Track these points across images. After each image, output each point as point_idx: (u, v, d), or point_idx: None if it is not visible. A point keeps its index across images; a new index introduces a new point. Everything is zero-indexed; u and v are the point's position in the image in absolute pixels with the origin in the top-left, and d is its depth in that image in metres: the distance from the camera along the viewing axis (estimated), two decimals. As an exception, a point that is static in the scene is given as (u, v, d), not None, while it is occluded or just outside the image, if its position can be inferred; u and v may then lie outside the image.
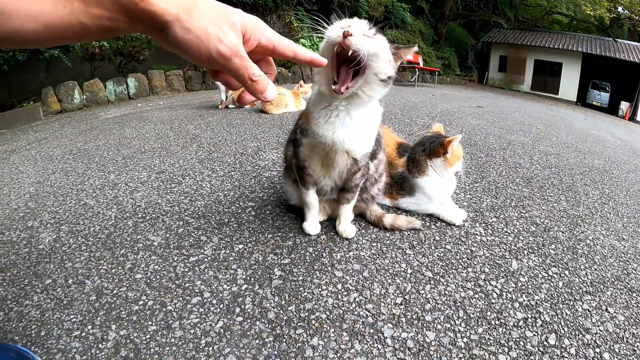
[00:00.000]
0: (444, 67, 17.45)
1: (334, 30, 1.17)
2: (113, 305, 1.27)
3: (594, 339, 1.27)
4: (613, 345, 1.25)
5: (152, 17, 0.56)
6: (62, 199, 2.13)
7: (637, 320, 1.40)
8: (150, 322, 1.20)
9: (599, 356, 1.20)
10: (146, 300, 1.29)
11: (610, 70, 19.95)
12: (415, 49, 1.29)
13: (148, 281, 1.39)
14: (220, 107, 4.96)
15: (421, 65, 12.58)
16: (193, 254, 1.55)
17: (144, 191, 2.19)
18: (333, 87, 1.22)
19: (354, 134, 1.38)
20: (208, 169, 2.56)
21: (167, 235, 1.70)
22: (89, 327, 1.18)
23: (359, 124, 1.39)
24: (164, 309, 1.25)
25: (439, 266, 1.56)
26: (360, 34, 1.16)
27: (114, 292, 1.33)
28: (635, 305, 1.49)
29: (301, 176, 1.61)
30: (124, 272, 1.44)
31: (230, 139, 3.36)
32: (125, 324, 1.19)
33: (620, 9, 18.31)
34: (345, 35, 1.11)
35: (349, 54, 1.14)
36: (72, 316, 1.22)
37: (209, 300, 1.30)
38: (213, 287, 1.36)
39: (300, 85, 4.79)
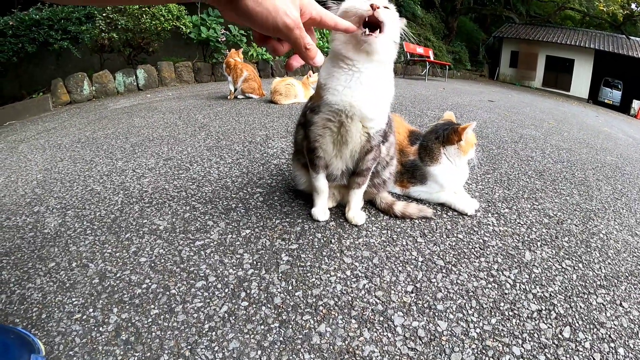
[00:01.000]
0: (455, 62, 17.32)
1: (360, 2, 1.30)
2: (116, 289, 1.25)
3: (608, 333, 1.23)
4: (628, 341, 1.22)
5: None
6: (69, 185, 2.12)
7: None
8: (152, 306, 1.18)
9: (614, 351, 1.16)
10: (149, 284, 1.27)
11: (623, 68, 19.70)
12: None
13: (152, 265, 1.37)
14: (229, 97, 4.94)
15: (432, 59, 12.47)
16: (199, 238, 1.53)
17: (151, 177, 2.17)
18: (366, 32, 1.29)
19: (371, 98, 1.43)
20: (216, 156, 2.53)
21: (174, 219, 1.68)
22: (91, 310, 1.16)
23: (375, 88, 1.43)
24: (168, 293, 1.23)
25: (451, 255, 1.52)
26: (382, 6, 1.30)
27: (118, 275, 1.32)
28: None
29: (311, 159, 1.58)
30: (128, 256, 1.43)
31: (239, 128, 3.34)
32: (128, 307, 1.17)
33: (634, 5, 18.11)
34: (374, 8, 1.27)
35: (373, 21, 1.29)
36: (74, 299, 1.21)
37: (213, 284, 1.27)
38: (218, 272, 1.33)
39: (309, 76, 4.75)
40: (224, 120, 3.62)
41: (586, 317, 1.29)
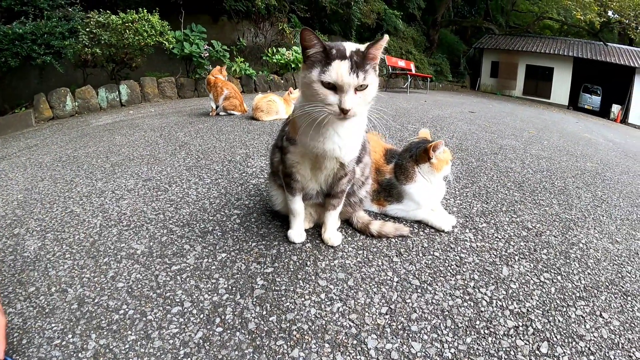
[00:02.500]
0: (436, 74, 17.53)
1: (332, 99, 1.23)
2: (94, 314, 1.24)
3: (588, 346, 1.24)
4: (608, 352, 1.22)
5: None
6: (49, 206, 2.10)
7: (633, 325, 1.37)
8: (129, 332, 1.17)
9: None
10: (127, 310, 1.27)
11: (601, 74, 20.15)
12: (384, 40, 1.26)
13: (129, 290, 1.36)
14: (211, 114, 4.94)
15: (413, 71, 12.62)
16: (175, 263, 1.52)
17: (130, 199, 2.16)
18: (339, 111, 1.24)
19: (344, 144, 1.43)
20: (195, 176, 2.53)
21: (151, 243, 1.68)
22: (70, 335, 1.16)
23: (349, 135, 1.43)
24: (144, 319, 1.22)
25: (427, 274, 1.53)
26: (352, 96, 1.24)
27: (96, 300, 1.31)
28: (630, 309, 1.47)
29: (288, 183, 1.59)
30: (106, 281, 1.42)
31: (220, 146, 3.33)
32: (105, 333, 1.17)
33: (610, 13, 18.51)
34: (345, 112, 1.23)
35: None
36: (53, 325, 1.21)
37: (189, 310, 1.27)
38: (194, 297, 1.33)
39: (290, 92, 4.78)
40: (204, 138, 3.62)
41: (565, 331, 1.29)
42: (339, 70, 1.19)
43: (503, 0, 24.30)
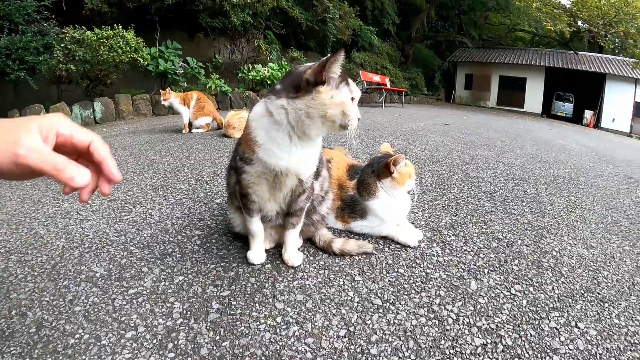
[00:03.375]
0: (412, 87, 17.83)
1: (355, 112, 1.37)
2: (51, 338, 1.20)
3: (562, 359, 1.22)
4: None
5: None
6: (15, 227, 2.04)
7: (611, 333, 1.36)
8: (84, 357, 1.13)
9: None
10: (82, 334, 1.22)
11: (573, 82, 20.79)
12: (340, 55, 1.31)
13: (86, 314, 1.31)
14: (184, 131, 4.90)
15: (388, 86, 12.79)
16: (132, 286, 1.47)
17: (94, 220, 2.10)
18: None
19: (306, 160, 1.45)
20: (160, 196, 2.48)
21: (110, 266, 1.62)
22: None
23: (311, 152, 1.46)
24: (99, 343, 1.18)
25: (390, 292, 1.49)
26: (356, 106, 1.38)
27: (53, 324, 1.26)
28: (608, 316, 1.46)
29: (245, 204, 1.56)
30: (64, 304, 1.37)
31: (188, 165, 3.29)
32: (61, 357, 1.12)
33: (580, 22, 19.08)
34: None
35: None
36: (12, 348, 1.16)
37: (142, 335, 1.22)
38: (148, 322, 1.28)
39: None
40: (174, 157, 3.57)
41: (537, 346, 1.27)
42: (355, 87, 1.37)
43: (476, 14, 24.91)
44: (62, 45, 5.75)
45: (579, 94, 20.88)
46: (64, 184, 0.63)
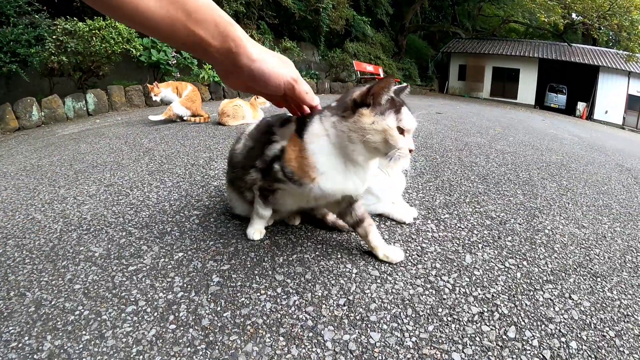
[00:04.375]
0: (405, 78, 17.83)
1: (404, 142, 1.29)
2: (50, 316, 1.21)
3: (558, 328, 1.24)
4: (580, 333, 1.23)
5: (246, 54, 0.89)
6: (12, 214, 2.03)
7: (604, 305, 1.39)
8: (84, 332, 1.14)
9: (565, 345, 1.17)
10: (82, 310, 1.23)
11: (566, 74, 20.89)
12: (390, 82, 1.24)
13: (86, 291, 1.33)
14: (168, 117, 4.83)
15: (381, 76, 12.79)
16: (132, 264, 1.49)
17: (91, 204, 2.10)
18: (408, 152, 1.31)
19: (363, 181, 1.43)
20: (157, 180, 2.48)
21: (109, 246, 1.64)
22: (26, 338, 1.12)
23: (368, 173, 1.44)
24: (99, 319, 1.19)
25: (386, 264, 1.52)
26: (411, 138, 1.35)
27: (53, 303, 1.28)
28: (601, 290, 1.49)
29: (265, 195, 1.54)
30: (63, 284, 1.38)
31: (184, 151, 3.29)
32: (61, 334, 1.14)
33: (574, 15, 19.13)
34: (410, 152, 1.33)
35: None
36: (10, 328, 1.17)
37: (143, 308, 1.24)
38: (149, 296, 1.29)
39: (257, 97, 4.76)
40: (169, 144, 3.57)
41: (533, 315, 1.29)
42: (409, 117, 1.30)
43: (470, 5, 24.92)
44: (53, 37, 5.67)
45: (572, 86, 20.99)
46: (305, 103, 1.20)
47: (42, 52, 5.57)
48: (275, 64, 0.97)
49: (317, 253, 1.58)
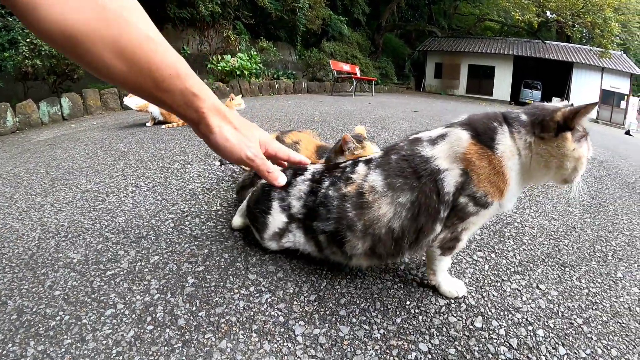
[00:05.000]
0: (382, 77, 17.95)
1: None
2: (32, 323, 1.24)
3: (525, 317, 1.29)
4: (547, 321, 1.28)
5: (205, 125, 0.89)
6: None
7: (572, 294, 1.44)
8: (65, 336, 1.17)
9: (532, 333, 1.22)
10: (63, 316, 1.26)
11: (541, 70, 21.32)
12: (593, 108, 1.15)
13: (66, 297, 1.35)
14: (149, 124, 4.84)
15: (358, 75, 12.86)
16: (110, 268, 1.52)
17: (68, 211, 2.11)
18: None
19: None
20: (132, 184, 2.50)
21: (87, 252, 1.66)
22: (10, 345, 1.14)
23: None
24: (79, 323, 1.22)
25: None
26: None
27: (34, 309, 1.30)
28: (569, 279, 1.55)
29: (452, 247, 1.34)
30: (44, 290, 1.40)
31: (159, 155, 3.31)
32: (43, 339, 1.16)
33: (548, 13, 19.49)
34: None
35: None
36: None
37: (121, 311, 1.27)
38: (127, 299, 1.33)
39: (232, 99, 4.77)
40: (144, 148, 3.57)
41: (500, 305, 1.35)
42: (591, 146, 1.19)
43: (445, 4, 25.23)
44: (27, 40, 5.58)
45: (546, 82, 21.47)
46: (268, 181, 1.07)
47: (16, 55, 5.49)
48: (233, 138, 0.92)
49: (289, 252, 1.62)
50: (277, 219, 1.49)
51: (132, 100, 4.63)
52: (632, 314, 1.39)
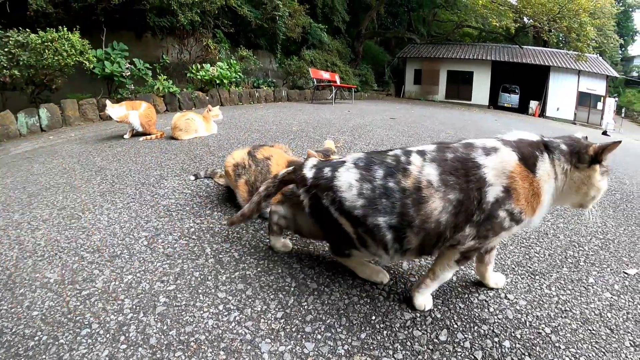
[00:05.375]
0: (362, 84, 18.03)
1: None
2: (12, 343, 1.28)
3: (492, 328, 1.33)
4: (514, 332, 1.32)
5: None
6: None
7: (542, 303, 1.49)
8: (44, 356, 1.22)
9: (498, 345, 1.26)
10: (41, 336, 1.30)
11: (519, 74, 21.71)
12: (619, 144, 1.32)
13: (43, 317, 1.39)
14: (126, 136, 4.81)
15: (338, 83, 12.92)
16: (85, 288, 1.55)
17: (45, 229, 2.13)
18: None
19: None
20: (108, 201, 2.52)
21: (63, 271, 1.69)
22: None
23: None
24: (57, 343, 1.27)
25: (325, 276, 1.63)
26: None
27: (13, 330, 1.34)
28: (539, 287, 1.59)
29: (470, 257, 1.42)
30: (22, 311, 1.44)
31: (135, 169, 3.32)
32: (23, 359, 1.21)
33: (525, 18, 19.82)
34: None
35: None
36: None
37: (96, 331, 1.32)
38: (101, 318, 1.37)
39: (209, 109, 4.78)
40: (121, 162, 3.58)
41: (466, 317, 1.39)
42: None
43: (424, 11, 25.49)
44: (5, 49, 5.52)
45: (524, 86, 21.87)
46: None
47: (-7, 65, 5.42)
48: None
49: (259, 269, 1.68)
50: None
51: (114, 111, 4.59)
52: (603, 320, 1.44)
